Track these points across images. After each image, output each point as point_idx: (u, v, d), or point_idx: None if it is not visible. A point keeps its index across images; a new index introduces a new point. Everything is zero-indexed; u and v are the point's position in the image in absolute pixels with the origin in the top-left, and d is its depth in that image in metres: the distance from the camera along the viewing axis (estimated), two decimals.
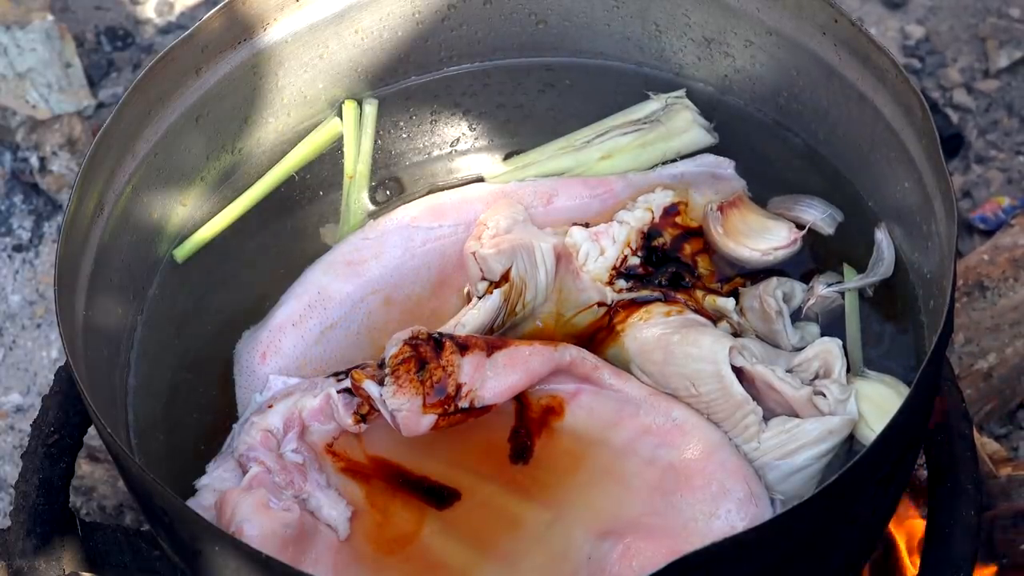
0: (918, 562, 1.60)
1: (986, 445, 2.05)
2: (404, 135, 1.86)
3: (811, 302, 1.63)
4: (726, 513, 1.47)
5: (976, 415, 2.23)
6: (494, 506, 1.53)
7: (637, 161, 1.77)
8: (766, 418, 1.53)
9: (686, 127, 1.76)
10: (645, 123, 1.78)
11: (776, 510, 1.50)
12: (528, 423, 1.57)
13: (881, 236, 1.65)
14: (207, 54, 1.71)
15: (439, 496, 1.54)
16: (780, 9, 1.71)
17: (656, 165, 1.77)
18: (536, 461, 1.55)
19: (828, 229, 1.70)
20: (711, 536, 1.43)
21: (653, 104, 1.79)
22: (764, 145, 1.78)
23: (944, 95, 2.77)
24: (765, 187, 1.74)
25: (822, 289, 1.63)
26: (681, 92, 1.80)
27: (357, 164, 1.81)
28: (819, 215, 1.70)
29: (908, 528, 1.83)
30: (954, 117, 2.73)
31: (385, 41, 1.84)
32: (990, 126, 2.73)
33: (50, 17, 2.78)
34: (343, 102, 1.84)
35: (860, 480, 1.38)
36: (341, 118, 1.83)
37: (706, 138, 1.76)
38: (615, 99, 1.82)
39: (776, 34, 1.73)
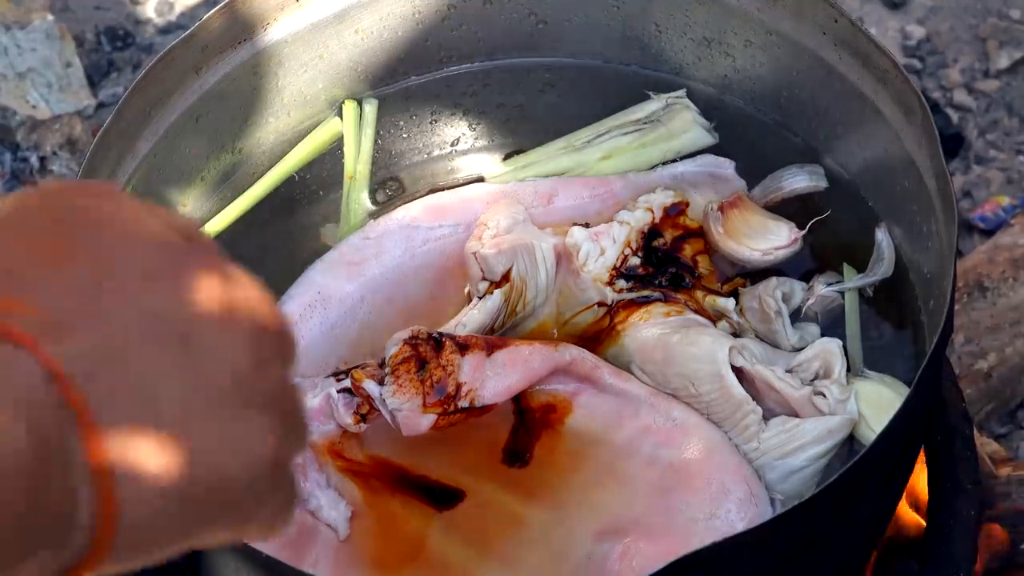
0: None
1: (986, 445, 2.05)
2: (404, 135, 1.86)
3: (811, 302, 1.62)
4: (726, 513, 1.47)
5: (976, 415, 2.23)
6: (494, 506, 1.53)
7: (637, 161, 1.76)
8: (766, 418, 1.53)
9: (686, 127, 1.76)
10: (645, 123, 1.78)
11: (776, 510, 1.50)
12: (528, 423, 1.57)
13: (881, 236, 1.65)
14: (207, 54, 1.71)
15: (439, 496, 1.54)
16: (780, 9, 1.71)
17: (656, 165, 1.76)
18: (536, 461, 1.55)
19: (822, 184, 1.70)
20: (711, 536, 1.42)
21: (653, 104, 1.79)
22: (764, 145, 1.78)
23: (944, 95, 2.77)
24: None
25: (822, 289, 1.63)
26: (681, 92, 1.80)
27: (357, 164, 1.81)
28: (807, 179, 1.70)
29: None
30: (954, 117, 2.73)
31: (385, 41, 1.84)
32: (990, 126, 2.73)
33: (50, 17, 2.78)
34: (343, 102, 1.84)
35: (860, 480, 1.38)
36: (341, 118, 1.83)
37: (706, 138, 1.76)
38: (615, 99, 1.82)
39: (776, 34, 1.73)
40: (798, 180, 1.71)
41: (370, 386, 1.53)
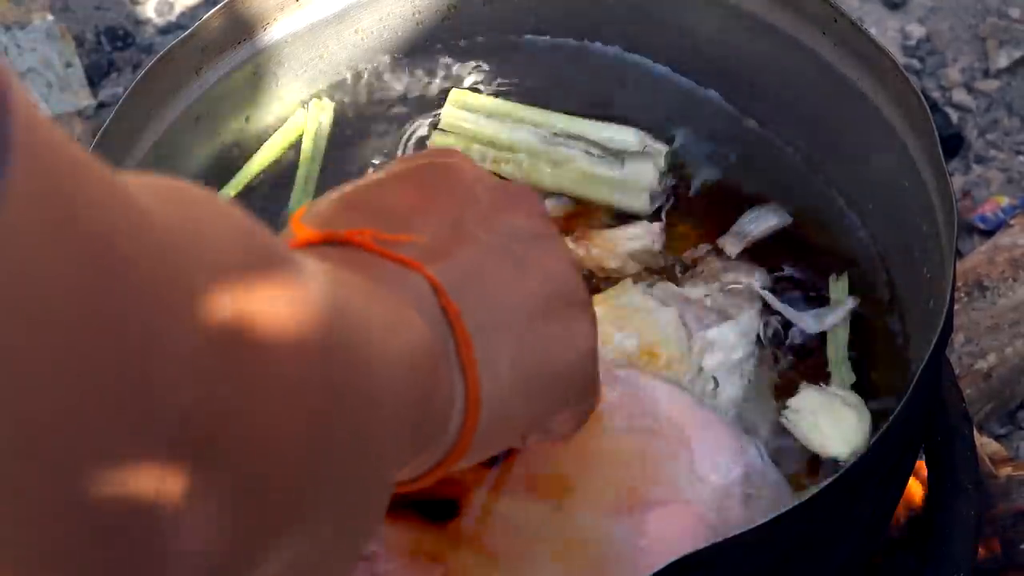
0: None
1: (986, 445, 2.05)
2: None
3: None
4: (715, 467, 1.47)
5: (976, 415, 2.23)
6: (492, 509, 1.52)
7: (578, 185, 1.70)
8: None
9: (637, 185, 1.68)
10: (609, 153, 1.70)
11: (762, 454, 1.49)
12: None
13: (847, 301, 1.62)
14: (207, 54, 1.71)
15: (435, 509, 1.53)
16: (780, 9, 1.71)
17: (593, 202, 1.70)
18: (525, 457, 1.55)
19: (787, 219, 1.68)
20: (708, 493, 1.42)
21: (631, 137, 1.72)
22: (763, 145, 1.77)
23: (944, 95, 2.77)
24: (763, 188, 1.74)
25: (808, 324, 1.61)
26: (663, 147, 1.72)
27: (309, 164, 1.76)
28: (775, 218, 1.67)
29: None
30: (954, 117, 2.73)
31: (385, 41, 1.84)
32: (990, 126, 2.73)
33: (50, 17, 2.78)
34: (311, 100, 1.79)
35: (860, 480, 1.38)
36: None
37: (645, 207, 1.67)
38: (616, 98, 1.82)
39: (776, 34, 1.73)
40: (767, 220, 1.67)
41: None
